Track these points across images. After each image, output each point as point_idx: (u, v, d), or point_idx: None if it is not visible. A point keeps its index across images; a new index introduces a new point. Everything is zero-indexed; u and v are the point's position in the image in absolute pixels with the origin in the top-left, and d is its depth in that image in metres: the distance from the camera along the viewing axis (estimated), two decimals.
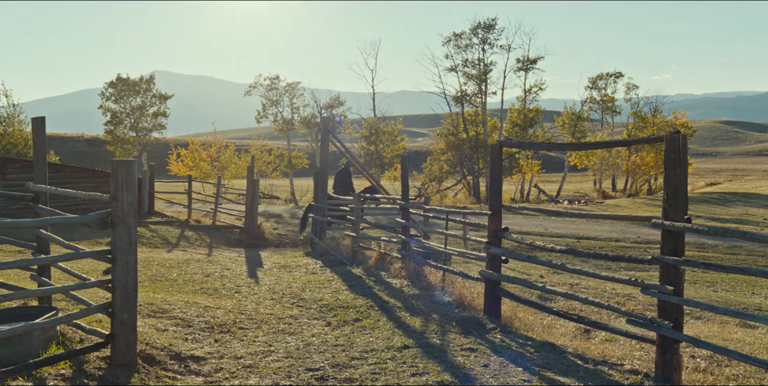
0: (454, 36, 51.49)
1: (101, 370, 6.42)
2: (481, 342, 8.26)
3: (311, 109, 53.62)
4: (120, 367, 6.54)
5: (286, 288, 12.48)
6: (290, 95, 53.94)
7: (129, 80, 57.85)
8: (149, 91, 58.49)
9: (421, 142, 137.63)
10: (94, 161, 78.17)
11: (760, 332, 10.18)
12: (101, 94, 58.22)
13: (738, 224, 29.49)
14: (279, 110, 53.89)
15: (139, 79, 58.62)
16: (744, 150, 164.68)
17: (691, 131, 59.52)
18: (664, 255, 6.77)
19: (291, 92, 53.96)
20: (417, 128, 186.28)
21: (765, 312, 12.46)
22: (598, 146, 8.38)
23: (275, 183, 54.90)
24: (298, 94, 53.99)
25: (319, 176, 18.75)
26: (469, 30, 51.28)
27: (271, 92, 53.87)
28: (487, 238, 9.84)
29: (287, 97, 53.91)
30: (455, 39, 51.49)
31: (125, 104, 57.84)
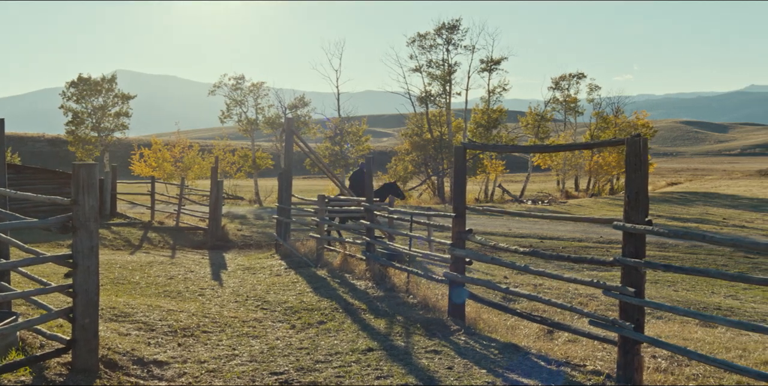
0: (419, 37, 51.60)
1: (62, 376, 6.35)
2: (445, 344, 8.29)
3: (276, 109, 53.46)
4: (81, 373, 6.47)
5: (251, 291, 12.43)
6: (255, 95, 53.71)
7: (91, 80, 57.11)
8: (111, 91, 57.79)
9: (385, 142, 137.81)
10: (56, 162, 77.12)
11: (720, 331, 10.32)
12: (62, 94, 57.44)
13: (698, 224, 29.88)
14: (243, 110, 53.66)
15: (101, 78, 57.90)
16: (704, 150, 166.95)
17: (653, 132, 60.21)
18: (626, 257, 6.85)
19: (256, 92, 53.73)
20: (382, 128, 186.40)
21: (724, 311, 12.64)
22: (561, 149, 8.47)
23: (239, 184, 54.59)
24: (262, 95, 53.79)
25: (283, 178, 18.68)
26: (434, 31, 51.42)
27: (235, 92, 53.61)
28: (451, 240, 9.87)
29: (252, 97, 53.68)
30: (419, 40, 51.61)
31: (87, 103, 57.11)
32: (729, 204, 39.30)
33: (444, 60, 51.67)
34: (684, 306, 12.90)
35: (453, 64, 51.73)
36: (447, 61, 51.61)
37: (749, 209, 36.75)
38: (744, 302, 13.93)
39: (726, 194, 44.95)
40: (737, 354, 8.65)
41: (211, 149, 53.69)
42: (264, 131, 54.63)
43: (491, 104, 53.98)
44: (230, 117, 54.01)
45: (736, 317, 12.14)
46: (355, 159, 50.06)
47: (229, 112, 53.91)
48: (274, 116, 53.09)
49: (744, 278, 5.79)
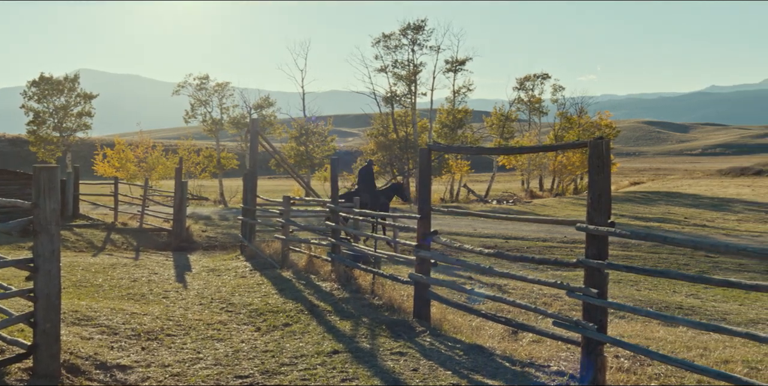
0: (384, 37, 51.64)
1: (23, 382, 6.27)
2: (410, 346, 8.30)
3: (241, 109, 53.26)
4: (43, 378, 6.40)
5: (215, 293, 12.36)
6: (220, 95, 53.48)
7: (53, 79, 56.41)
8: (74, 91, 57.12)
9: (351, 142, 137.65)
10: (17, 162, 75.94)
11: (681, 330, 10.44)
12: (23, 93, 56.68)
13: (660, 223, 30.24)
14: (208, 110, 53.40)
15: (64, 78, 57.23)
16: (666, 150, 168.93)
17: (616, 132, 60.85)
18: (588, 259, 6.91)
19: (220, 92, 53.50)
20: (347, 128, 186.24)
21: (686, 310, 12.79)
22: (525, 151, 8.53)
23: (204, 184, 54.27)
24: (227, 95, 53.57)
25: (248, 178, 18.61)
26: (399, 31, 51.49)
27: (200, 92, 53.32)
28: (416, 241, 9.90)
29: (216, 97, 53.45)
30: (385, 40, 51.65)
31: (48, 103, 56.39)
32: (690, 204, 39.82)
33: (409, 60, 51.79)
34: (646, 305, 13.04)
35: (418, 64, 51.88)
36: (412, 61, 51.73)
37: (710, 208, 37.27)
38: (705, 301, 14.12)
39: (687, 194, 45.54)
40: (698, 353, 8.76)
41: (175, 149, 53.35)
42: (229, 131, 54.38)
43: (456, 104, 54.20)
44: (195, 117, 53.73)
45: (697, 316, 12.30)
46: (320, 159, 49.98)
47: (194, 112, 53.62)
48: (239, 116, 52.88)
49: (704, 280, 5.87)
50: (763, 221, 31.80)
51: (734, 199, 41.72)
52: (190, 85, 53.39)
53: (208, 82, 53.56)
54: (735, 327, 10.91)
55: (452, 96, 54.12)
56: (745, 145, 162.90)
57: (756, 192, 45.89)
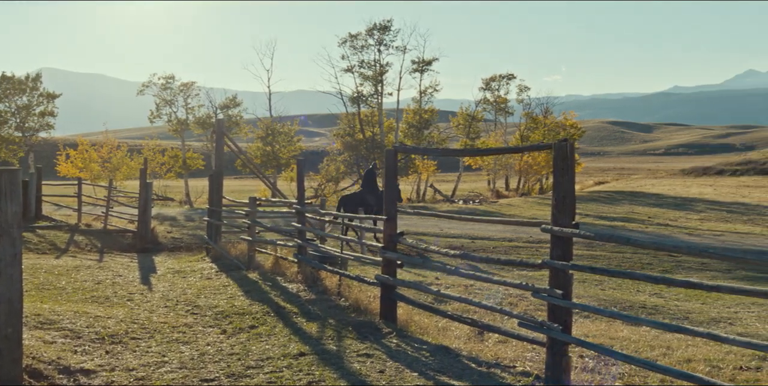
0: (350, 37, 51.61)
1: None
2: (377, 347, 8.31)
3: (207, 109, 52.97)
4: (5, 384, 6.31)
5: (181, 295, 12.28)
6: (185, 95, 53.13)
7: (14, 79, 55.61)
8: (36, 90, 56.36)
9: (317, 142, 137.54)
10: None
11: (645, 329, 10.55)
12: None
13: (624, 223, 30.52)
14: (173, 110, 53.01)
15: (25, 77, 56.45)
16: (630, 150, 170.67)
17: (581, 132, 61.38)
18: (553, 260, 6.96)
19: (186, 92, 53.17)
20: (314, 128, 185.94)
21: (649, 309, 12.94)
22: (491, 153, 8.59)
23: (170, 184, 53.89)
24: (193, 95, 53.29)
25: (214, 179, 18.51)
26: (365, 31, 51.50)
27: (165, 92, 52.94)
28: (382, 243, 9.91)
29: (182, 97, 53.09)
30: (351, 40, 51.62)
31: (10, 103, 55.58)
32: (654, 203, 40.23)
33: (376, 60, 51.82)
34: (610, 304, 13.17)
35: (385, 64, 51.93)
36: (379, 61, 51.77)
37: (673, 207, 37.69)
38: (668, 300, 14.28)
39: (651, 193, 46.00)
40: (661, 352, 8.87)
41: (140, 150, 52.91)
42: (195, 131, 54.05)
43: (423, 104, 54.34)
44: (160, 117, 53.36)
45: (660, 315, 12.45)
46: (287, 160, 49.84)
47: (159, 112, 53.23)
48: (204, 116, 52.60)
49: (666, 281, 5.96)
50: (725, 220, 32.25)
51: (696, 198, 42.24)
52: (155, 85, 53.01)
53: (174, 82, 53.22)
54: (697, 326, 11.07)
55: (419, 96, 54.25)
56: (707, 145, 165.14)
57: (718, 192, 46.49)
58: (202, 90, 53.94)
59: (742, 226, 30.38)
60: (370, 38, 51.57)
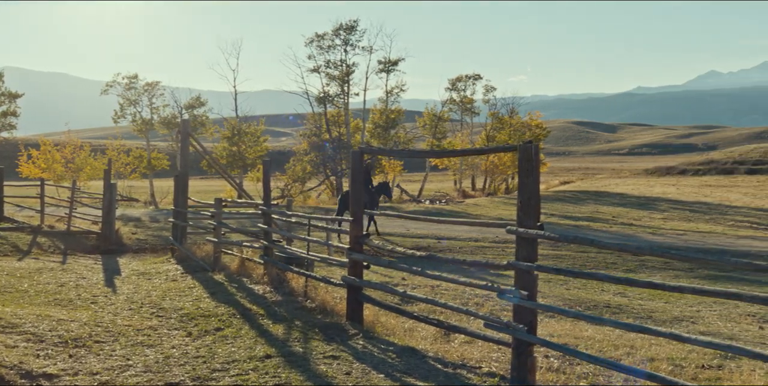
0: (317, 37, 51.44)
1: None
2: (343, 349, 8.31)
3: (171, 109, 52.56)
4: None
5: (146, 297, 12.18)
6: (149, 95, 52.67)
7: None
8: None
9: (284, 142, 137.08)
10: None
11: (609, 328, 10.65)
12: None
13: (589, 222, 30.80)
14: (138, 109, 52.55)
15: None
16: (594, 150, 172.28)
17: (546, 132, 61.80)
18: (519, 261, 7.01)
19: (150, 92, 52.70)
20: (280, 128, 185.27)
21: (613, 308, 13.07)
22: (456, 154, 8.62)
23: (134, 185, 53.39)
24: (158, 94, 52.82)
25: (179, 180, 18.39)
26: (332, 31, 51.34)
27: (129, 92, 52.44)
28: (349, 244, 9.91)
29: (146, 96, 52.62)
30: (318, 40, 51.46)
31: None
32: (618, 203, 40.65)
33: (342, 61, 51.70)
34: (575, 304, 13.30)
35: (351, 64, 51.81)
36: (345, 61, 51.65)
37: (636, 207, 38.12)
38: (632, 299, 14.43)
39: (615, 193, 46.47)
40: (625, 351, 8.97)
41: (104, 150, 52.36)
42: (159, 131, 53.62)
43: (389, 104, 54.34)
44: (124, 117, 52.83)
45: (624, 314, 12.59)
46: (253, 160, 49.62)
47: (123, 112, 52.73)
48: (169, 115, 52.21)
49: (630, 282, 6.02)
50: (687, 220, 32.69)
51: (660, 198, 42.75)
52: (119, 85, 52.48)
53: (138, 82, 52.73)
54: (660, 325, 11.22)
55: (385, 96, 54.26)
56: (671, 145, 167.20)
57: (680, 191, 47.10)
58: (167, 90, 53.54)
59: (704, 225, 30.81)
60: (336, 38, 51.47)
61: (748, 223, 31.37)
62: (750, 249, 22.46)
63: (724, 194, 43.97)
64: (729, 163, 61.09)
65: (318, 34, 51.53)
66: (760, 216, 33.28)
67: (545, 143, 75.03)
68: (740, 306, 13.22)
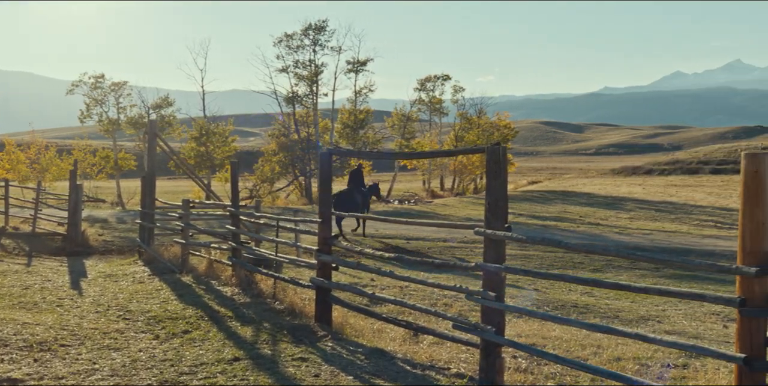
0: (285, 37, 51.27)
1: None
2: (312, 351, 8.30)
3: (139, 109, 52.12)
4: None
5: (112, 300, 12.07)
6: (116, 95, 52.18)
7: None
8: None
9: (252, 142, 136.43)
10: None
11: (576, 328, 10.73)
12: None
13: (557, 222, 31.02)
14: (104, 109, 52.02)
15: None
16: (562, 150, 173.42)
17: (514, 132, 62.09)
18: (487, 262, 7.04)
19: (117, 92, 52.21)
20: (248, 128, 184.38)
21: (581, 308, 13.18)
22: (424, 156, 8.65)
23: (101, 185, 52.93)
24: (124, 94, 52.33)
25: (146, 181, 18.25)
26: (300, 31, 51.18)
27: (95, 91, 51.90)
28: (317, 245, 9.90)
29: (113, 96, 52.12)
30: (286, 40, 51.28)
31: None
32: (585, 202, 40.96)
33: (311, 61, 51.57)
34: (543, 304, 13.39)
35: (320, 64, 51.69)
36: (314, 61, 51.52)
37: (603, 206, 38.44)
38: (599, 298, 14.56)
39: (582, 193, 46.81)
40: (592, 351, 9.05)
41: (70, 150, 51.84)
42: (126, 131, 53.16)
43: (358, 104, 54.30)
44: (90, 117, 52.28)
45: (591, 314, 12.70)
46: (221, 160, 49.36)
47: (89, 111, 52.17)
48: (136, 115, 51.77)
49: (597, 283, 6.08)
50: (653, 219, 33.02)
51: (626, 198, 43.14)
52: (85, 84, 51.93)
53: (104, 81, 52.22)
54: (626, 325, 11.33)
55: (354, 96, 54.20)
56: (637, 145, 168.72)
57: (647, 191, 47.56)
58: (134, 89, 53.06)
59: (670, 224, 31.15)
60: (305, 38, 51.32)
61: (712, 222, 31.74)
62: (714, 249, 22.74)
63: (689, 194, 44.47)
64: (694, 163, 61.82)
65: (287, 34, 51.38)
66: (724, 215, 33.69)
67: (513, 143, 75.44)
68: (705, 305, 13.39)
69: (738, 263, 5.04)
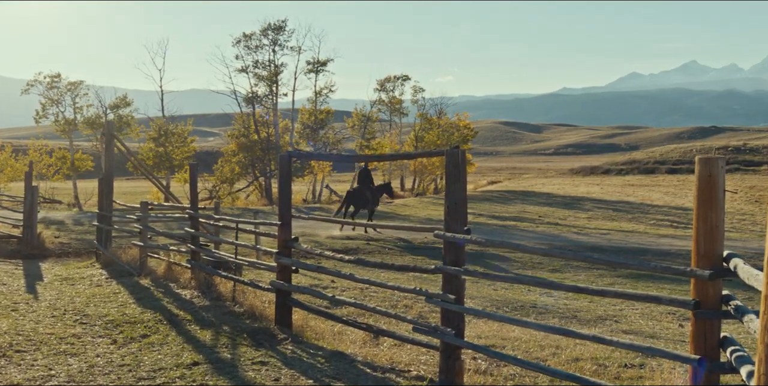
0: (245, 37, 51.00)
1: None
2: (272, 355, 8.27)
3: (96, 109, 51.48)
4: None
5: (69, 304, 11.91)
6: (73, 94, 51.49)
7: None
8: None
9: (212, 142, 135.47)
10: None
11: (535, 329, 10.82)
12: None
13: (516, 222, 31.25)
14: (61, 109, 51.32)
15: None
16: (521, 149, 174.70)
17: (474, 133, 62.43)
18: (446, 265, 7.07)
19: (74, 91, 51.52)
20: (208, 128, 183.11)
21: (539, 308, 13.30)
22: (384, 159, 8.65)
23: (57, 186, 52.14)
24: (81, 94, 51.65)
25: (104, 183, 18.05)
26: (260, 31, 50.98)
27: (51, 91, 51.17)
28: (277, 248, 9.87)
29: (69, 96, 51.43)
30: (245, 40, 51.02)
31: None
32: (544, 202, 41.28)
33: (270, 61, 51.38)
34: (503, 304, 13.48)
35: (279, 65, 51.52)
36: (273, 62, 51.34)
37: (562, 206, 38.78)
38: (558, 299, 14.69)
39: (541, 193, 47.15)
40: (551, 351, 9.12)
41: (26, 150, 51.04)
42: (83, 131, 52.49)
43: (318, 104, 54.19)
44: (46, 117, 51.54)
45: (550, 314, 12.81)
46: (180, 161, 48.95)
47: (45, 111, 51.41)
48: (94, 115, 51.12)
49: (554, 286, 6.13)
50: (611, 219, 33.40)
51: (585, 197, 43.55)
52: (41, 84, 51.16)
53: (61, 81, 51.50)
54: (584, 325, 11.45)
55: (314, 97, 54.08)
56: (594, 145, 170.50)
57: (604, 190, 48.05)
58: (91, 89, 52.39)
59: (627, 224, 31.55)
60: (264, 38, 51.12)
61: (668, 222, 32.21)
62: (671, 248, 23.08)
63: (646, 194, 45.02)
64: (651, 163, 62.57)
65: (246, 34, 51.12)
66: (680, 215, 34.19)
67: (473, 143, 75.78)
68: (661, 305, 13.56)
69: (692, 265, 5.12)
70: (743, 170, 54.94)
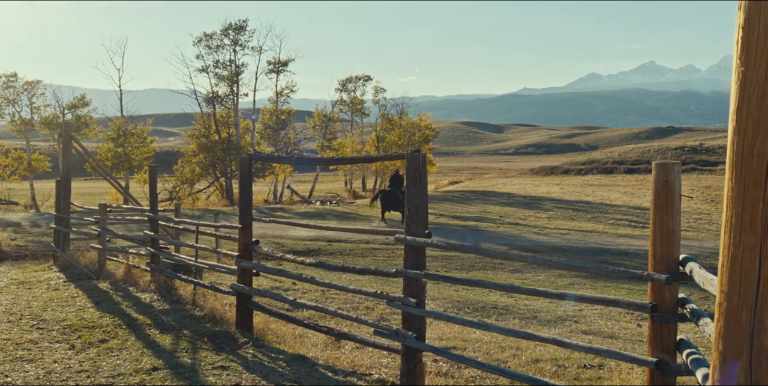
0: (205, 36, 50.66)
1: None
2: (233, 359, 8.23)
3: (53, 109, 50.83)
4: None
5: (25, 308, 11.74)
6: (30, 94, 50.79)
7: None
8: None
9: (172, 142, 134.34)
10: None
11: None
12: None
13: (477, 222, 31.40)
14: (17, 109, 50.56)
15: None
16: (482, 149, 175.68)
17: (435, 133, 62.62)
18: (407, 269, 7.09)
19: (30, 91, 50.83)
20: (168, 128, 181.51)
21: (500, 309, 13.38)
22: (345, 162, 8.65)
23: (14, 187, 51.38)
24: (38, 94, 50.96)
25: (62, 185, 17.82)
26: (220, 31, 50.68)
27: (7, 91, 50.44)
28: (238, 251, 9.82)
29: (26, 96, 50.72)
30: (206, 39, 50.69)
31: None
32: (505, 202, 41.50)
33: (231, 61, 51.10)
34: (464, 305, 13.53)
35: (240, 65, 51.27)
36: (234, 62, 51.07)
37: (522, 206, 39.04)
38: (518, 299, 14.80)
39: (502, 193, 47.39)
40: (511, 353, 9.17)
41: None
42: (40, 131, 51.79)
43: (279, 105, 54.02)
44: (2, 117, 50.79)
45: (510, 315, 12.90)
46: (140, 161, 48.51)
47: (1, 111, 50.67)
48: (51, 115, 50.48)
49: (514, 289, 6.18)
50: (571, 219, 33.72)
51: (545, 197, 43.87)
52: None
53: (17, 80, 50.80)
54: (544, 327, 11.55)
55: (275, 97, 53.90)
56: (554, 145, 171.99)
57: (564, 190, 48.44)
58: (48, 88, 51.76)
59: (587, 224, 31.86)
60: (225, 38, 50.83)
61: (626, 221, 32.60)
62: (629, 248, 23.36)
63: (605, 193, 45.47)
64: (609, 163, 63.22)
65: (206, 34, 50.79)
66: (638, 214, 34.60)
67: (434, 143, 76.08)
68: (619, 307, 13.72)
69: (650, 269, 5.18)
70: (699, 170, 55.69)
